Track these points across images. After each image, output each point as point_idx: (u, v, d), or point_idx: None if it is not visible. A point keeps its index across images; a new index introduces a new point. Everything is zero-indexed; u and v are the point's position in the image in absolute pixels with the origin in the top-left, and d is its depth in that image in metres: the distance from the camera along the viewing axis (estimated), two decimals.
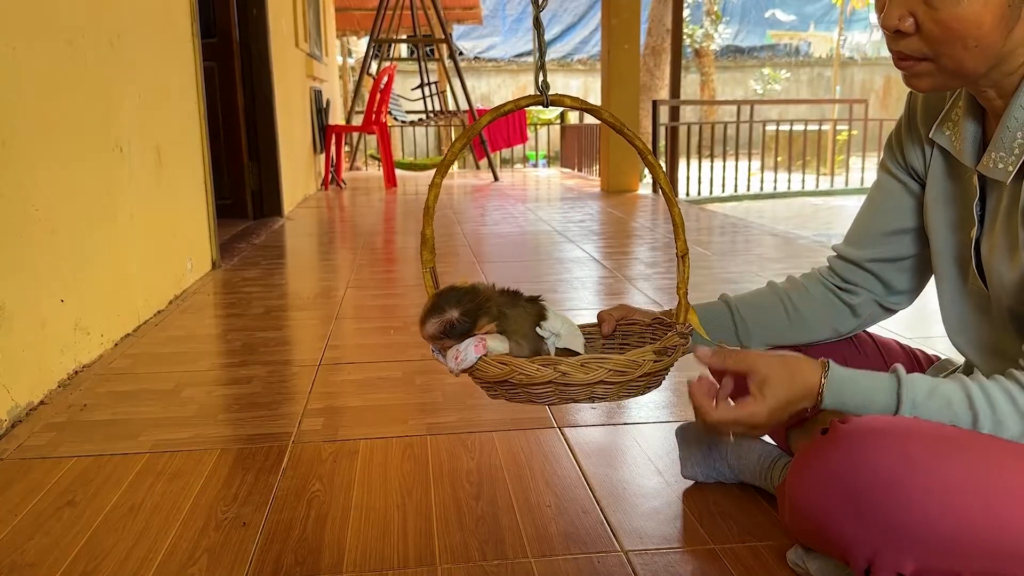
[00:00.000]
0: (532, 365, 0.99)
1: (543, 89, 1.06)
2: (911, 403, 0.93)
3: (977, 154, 1.00)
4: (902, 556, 0.86)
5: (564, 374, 0.99)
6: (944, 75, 0.93)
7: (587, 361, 1.00)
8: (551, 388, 1.01)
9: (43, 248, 1.94)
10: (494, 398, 1.07)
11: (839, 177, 8.88)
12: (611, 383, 1.01)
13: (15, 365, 1.76)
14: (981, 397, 0.91)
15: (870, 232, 1.18)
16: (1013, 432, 0.89)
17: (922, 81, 0.95)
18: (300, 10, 6.53)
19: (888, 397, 0.94)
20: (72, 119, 2.16)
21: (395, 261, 3.95)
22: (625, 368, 1.00)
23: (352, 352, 2.26)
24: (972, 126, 1.01)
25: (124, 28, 2.56)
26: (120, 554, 1.21)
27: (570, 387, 1.00)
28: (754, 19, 17.15)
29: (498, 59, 16.15)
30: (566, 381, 0.99)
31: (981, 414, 0.90)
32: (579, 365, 0.99)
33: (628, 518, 1.29)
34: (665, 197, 1.10)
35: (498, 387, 1.04)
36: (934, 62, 0.92)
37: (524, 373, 0.99)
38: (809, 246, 4.05)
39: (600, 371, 1.00)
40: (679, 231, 1.11)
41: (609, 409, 1.77)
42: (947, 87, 0.97)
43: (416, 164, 9.32)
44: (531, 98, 1.05)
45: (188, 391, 1.93)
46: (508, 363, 1.00)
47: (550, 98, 1.06)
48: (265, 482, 1.44)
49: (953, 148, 1.03)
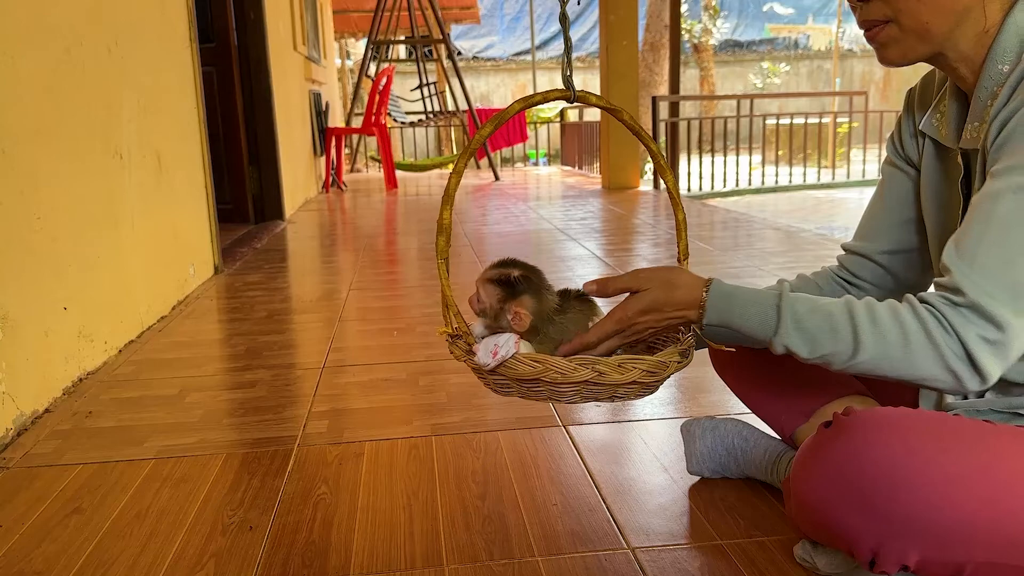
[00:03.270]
0: (569, 364, 0.99)
1: (570, 84, 1.07)
2: (792, 317, 0.93)
3: (959, 134, 1.01)
4: (906, 547, 0.86)
5: (600, 374, 0.98)
6: (909, 36, 0.95)
7: (624, 362, 0.99)
8: (580, 387, 1.01)
9: (45, 256, 1.94)
10: (506, 395, 1.07)
11: (840, 170, 8.86)
12: (640, 383, 1.01)
13: (19, 374, 1.77)
14: (863, 311, 0.90)
15: (878, 225, 1.18)
16: (895, 348, 0.88)
17: (890, 50, 0.97)
18: (298, 13, 6.53)
19: (769, 311, 0.95)
20: (72, 126, 2.16)
21: (397, 263, 3.95)
22: (655, 369, 1.00)
23: (356, 354, 2.26)
24: (955, 109, 1.03)
25: (122, 35, 2.56)
26: (128, 560, 1.21)
27: (601, 387, 1.00)
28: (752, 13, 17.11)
29: (496, 58, 16.14)
30: (600, 381, 0.99)
31: (862, 328, 0.90)
32: (616, 365, 0.99)
33: (634, 515, 1.29)
34: (672, 200, 1.11)
35: (519, 384, 1.03)
36: (896, 22, 0.95)
37: (559, 372, 0.99)
38: (812, 239, 4.04)
39: (634, 372, 0.99)
40: (682, 233, 1.12)
41: (614, 407, 1.77)
42: (915, 53, 0.97)
43: (416, 165, 9.32)
44: (559, 91, 1.06)
45: (193, 396, 1.94)
46: (542, 362, 0.99)
47: (576, 94, 1.07)
48: (271, 486, 1.44)
49: (939, 134, 1.05)
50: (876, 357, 0.90)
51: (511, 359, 1.00)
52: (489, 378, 1.06)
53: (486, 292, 1.08)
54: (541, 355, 1.01)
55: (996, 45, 0.93)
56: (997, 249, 0.85)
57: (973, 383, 0.87)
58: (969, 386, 0.88)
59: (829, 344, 0.92)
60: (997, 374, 0.87)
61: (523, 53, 15.83)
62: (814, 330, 0.93)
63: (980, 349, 0.85)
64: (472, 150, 1.05)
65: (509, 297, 1.07)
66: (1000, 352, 0.86)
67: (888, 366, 0.90)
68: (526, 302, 1.07)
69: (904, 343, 0.88)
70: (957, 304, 0.86)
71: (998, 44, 0.93)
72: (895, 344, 0.88)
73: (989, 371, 0.86)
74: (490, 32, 16.41)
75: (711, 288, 0.99)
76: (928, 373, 0.88)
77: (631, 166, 6.99)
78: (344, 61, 12.95)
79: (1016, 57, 0.92)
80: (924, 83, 1.12)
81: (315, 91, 7.40)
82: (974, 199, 0.91)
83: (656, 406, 1.77)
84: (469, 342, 1.06)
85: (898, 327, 0.88)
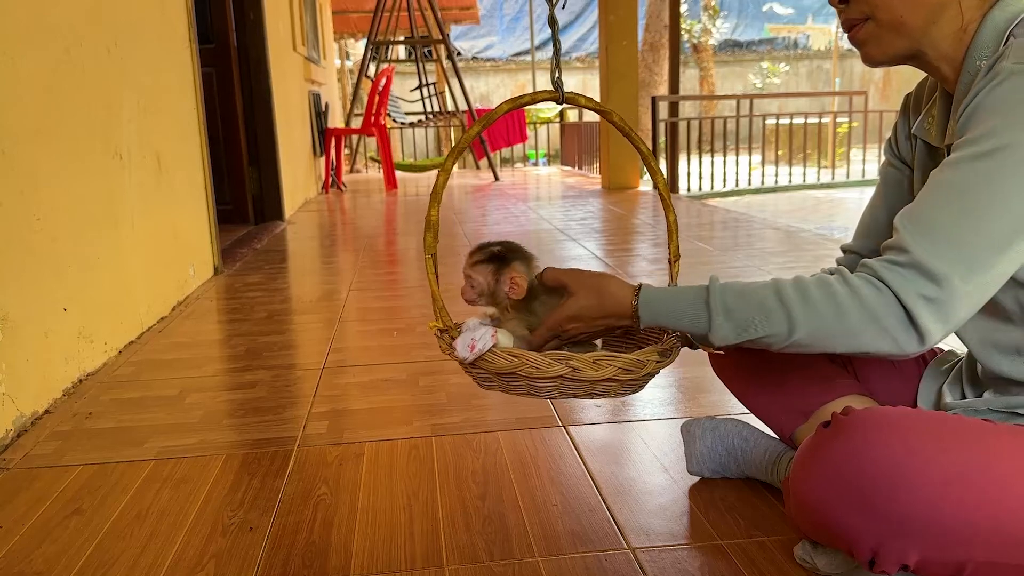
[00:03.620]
0: (544, 359, 1.00)
1: (558, 86, 1.08)
2: (722, 308, 0.95)
3: (944, 132, 1.02)
4: (906, 547, 0.86)
5: (575, 370, 1.00)
6: (885, 31, 0.97)
7: (599, 359, 1.01)
8: (557, 383, 1.03)
9: (45, 257, 1.94)
10: (490, 389, 1.09)
11: (840, 170, 8.86)
12: (616, 380, 1.03)
13: (19, 375, 1.77)
14: (792, 290, 0.91)
15: (877, 224, 1.19)
16: (829, 320, 0.88)
17: (869, 46, 0.99)
18: (297, 13, 6.53)
19: (699, 308, 0.96)
20: (71, 127, 2.16)
21: (397, 263, 3.95)
22: (631, 367, 1.02)
23: (356, 355, 2.26)
24: (942, 109, 1.03)
25: (121, 36, 2.56)
26: (128, 561, 1.21)
27: (577, 382, 1.02)
28: (752, 13, 17.12)
29: (496, 58, 16.14)
30: (575, 377, 1.01)
31: (793, 305, 0.90)
32: (591, 362, 1.00)
33: (635, 515, 1.29)
34: (662, 201, 1.12)
35: (499, 378, 1.05)
36: (872, 18, 0.97)
37: (534, 366, 1.00)
38: (811, 239, 4.04)
39: (609, 369, 1.01)
40: (672, 235, 1.14)
41: (614, 407, 1.77)
42: (893, 48, 0.98)
43: (416, 165, 9.32)
44: (547, 93, 1.07)
45: (193, 397, 1.94)
46: (518, 356, 1.01)
47: (565, 95, 1.08)
48: (271, 486, 1.44)
49: (929, 136, 1.05)
50: (813, 332, 0.90)
51: (488, 353, 1.02)
52: (472, 372, 1.08)
53: (478, 274, 1.12)
54: (518, 350, 1.03)
55: (975, 43, 0.94)
56: (946, 211, 0.86)
57: (911, 343, 0.86)
58: (907, 347, 0.87)
59: (763, 327, 0.93)
60: (938, 335, 0.86)
61: (523, 53, 15.83)
62: (746, 316, 0.93)
63: (918, 306, 0.84)
64: (460, 150, 1.06)
65: (500, 269, 1.11)
66: (940, 311, 0.84)
67: (827, 339, 0.90)
68: (517, 267, 1.11)
69: (837, 313, 0.88)
70: (899, 263, 0.86)
71: (976, 41, 0.94)
72: (828, 316, 0.89)
73: (929, 329, 0.85)
74: (490, 32, 16.41)
75: (640, 294, 1.02)
76: (866, 339, 0.87)
77: (631, 166, 6.99)
78: (344, 62, 12.95)
79: (992, 53, 0.93)
80: (919, 88, 1.13)
81: (315, 92, 7.40)
82: (932, 171, 0.91)
83: (656, 406, 1.77)
84: (454, 336, 1.06)
85: (829, 298, 0.89)
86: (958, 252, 0.84)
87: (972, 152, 0.86)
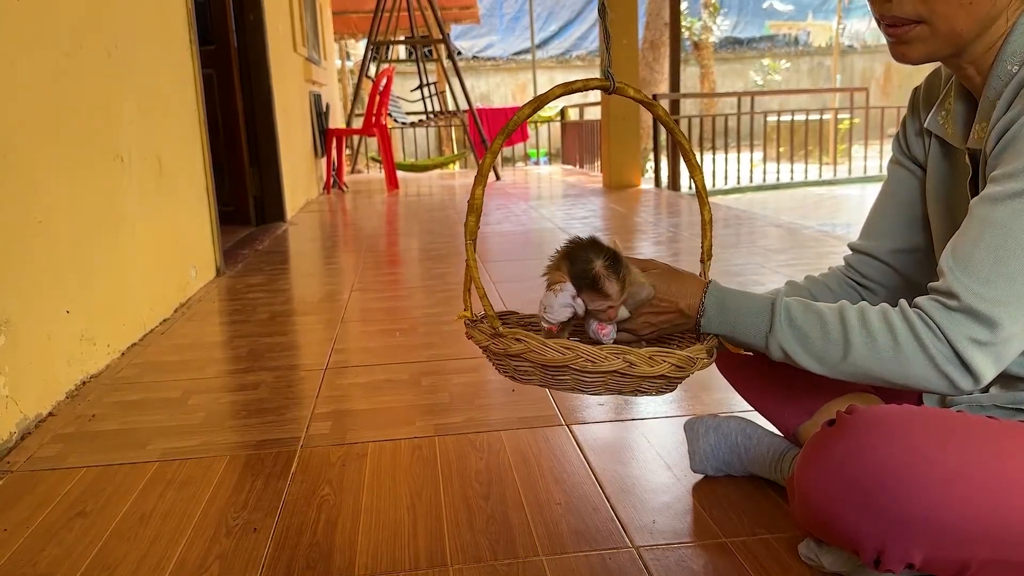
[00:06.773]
0: (600, 352, 0.98)
1: (610, 76, 1.09)
2: (786, 315, 0.98)
3: (966, 134, 1.01)
4: (910, 546, 0.86)
5: (631, 365, 0.98)
6: (937, 39, 0.94)
7: (655, 355, 1.00)
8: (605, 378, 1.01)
9: (47, 260, 1.94)
10: (525, 383, 1.06)
11: (842, 166, 8.85)
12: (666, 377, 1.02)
13: (22, 377, 1.77)
14: (854, 314, 0.94)
15: (885, 223, 1.18)
16: (884, 351, 0.91)
17: (913, 48, 0.95)
18: (297, 14, 6.53)
19: (764, 310, 1.00)
20: (72, 130, 2.16)
21: (399, 263, 3.95)
22: (683, 364, 1.01)
23: (358, 355, 2.26)
24: (962, 109, 1.03)
25: (121, 38, 2.56)
26: (132, 563, 1.21)
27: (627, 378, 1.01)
28: (752, 10, 17.09)
29: (496, 58, 16.13)
30: (628, 372, 0.99)
31: (852, 330, 0.93)
32: (648, 357, 0.99)
33: (638, 514, 1.29)
34: (699, 198, 1.19)
35: (542, 371, 1.02)
36: (928, 23, 0.93)
37: (589, 359, 0.98)
38: (814, 236, 4.04)
39: (664, 366, 0.99)
40: (707, 233, 1.18)
41: (617, 405, 1.76)
42: (937, 55, 0.97)
43: (417, 165, 9.33)
44: (598, 80, 1.08)
45: (195, 399, 1.94)
46: (572, 348, 0.98)
47: (616, 85, 1.09)
48: (275, 487, 1.44)
49: (945, 132, 1.05)
50: (866, 359, 0.92)
51: (536, 343, 0.99)
52: (510, 363, 1.04)
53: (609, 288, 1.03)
54: (571, 342, 1.00)
55: (1007, 46, 0.93)
56: (992, 254, 0.86)
57: (966, 383, 0.89)
58: (963, 386, 0.89)
59: (820, 344, 0.95)
60: (991, 374, 0.88)
61: (523, 52, 15.82)
62: (807, 329, 0.96)
63: (970, 351, 0.87)
64: (509, 132, 1.04)
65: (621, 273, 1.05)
66: (991, 353, 0.87)
67: (879, 369, 0.92)
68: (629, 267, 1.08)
69: (894, 346, 0.90)
70: (949, 308, 0.88)
71: (1008, 45, 0.93)
72: (884, 347, 0.91)
73: (981, 371, 0.88)
74: (490, 32, 16.40)
75: (709, 287, 1.05)
76: (920, 376, 0.90)
77: (632, 165, 6.98)
78: (344, 62, 12.95)
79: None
80: (929, 82, 1.12)
81: (315, 92, 7.40)
82: (972, 203, 0.91)
83: (659, 404, 1.76)
84: (495, 325, 1.04)
85: (887, 330, 0.91)
86: (1007, 294, 0.85)
87: (1013, 189, 0.86)
